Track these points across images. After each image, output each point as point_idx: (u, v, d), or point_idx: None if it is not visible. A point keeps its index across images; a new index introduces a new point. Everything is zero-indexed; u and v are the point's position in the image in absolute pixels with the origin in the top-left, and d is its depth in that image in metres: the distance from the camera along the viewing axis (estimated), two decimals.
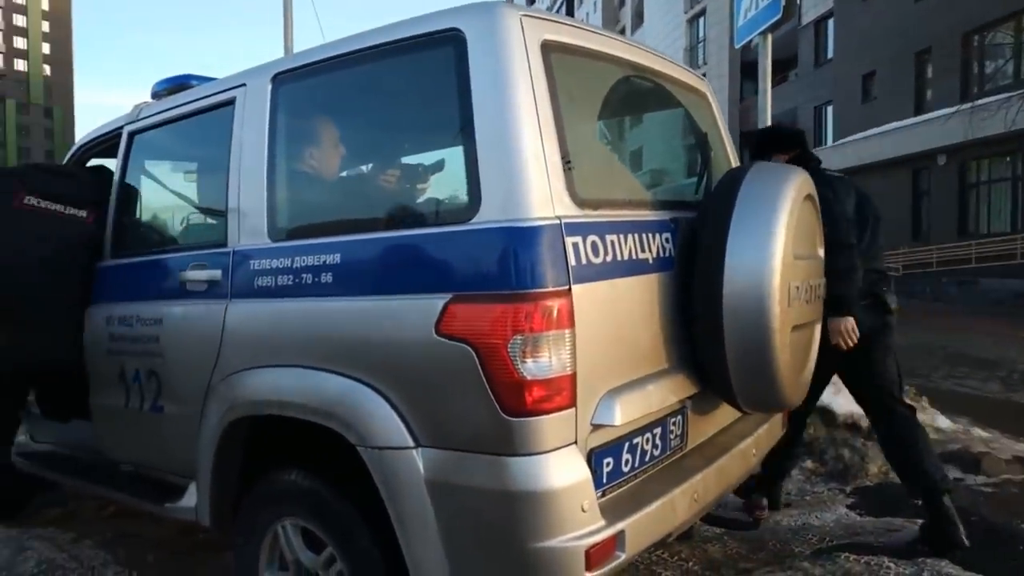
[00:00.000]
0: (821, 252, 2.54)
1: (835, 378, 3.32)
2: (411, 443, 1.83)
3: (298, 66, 2.30)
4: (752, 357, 2.13)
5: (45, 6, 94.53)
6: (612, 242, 1.96)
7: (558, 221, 1.79)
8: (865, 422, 4.12)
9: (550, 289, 1.74)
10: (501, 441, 1.71)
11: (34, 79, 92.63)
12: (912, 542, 3.03)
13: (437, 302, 1.80)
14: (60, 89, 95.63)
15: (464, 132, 1.87)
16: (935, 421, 4.79)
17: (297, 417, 2.04)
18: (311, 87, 2.31)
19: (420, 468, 1.81)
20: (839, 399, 4.37)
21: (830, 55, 25.95)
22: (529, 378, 1.70)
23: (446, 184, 2.03)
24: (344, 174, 2.41)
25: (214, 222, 2.47)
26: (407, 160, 2.32)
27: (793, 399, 2.35)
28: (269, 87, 2.34)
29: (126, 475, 2.89)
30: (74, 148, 3.35)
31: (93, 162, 3.38)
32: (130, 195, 2.91)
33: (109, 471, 2.96)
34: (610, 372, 1.93)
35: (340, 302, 2.01)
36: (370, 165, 2.37)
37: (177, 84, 2.95)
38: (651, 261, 2.12)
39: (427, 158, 2.31)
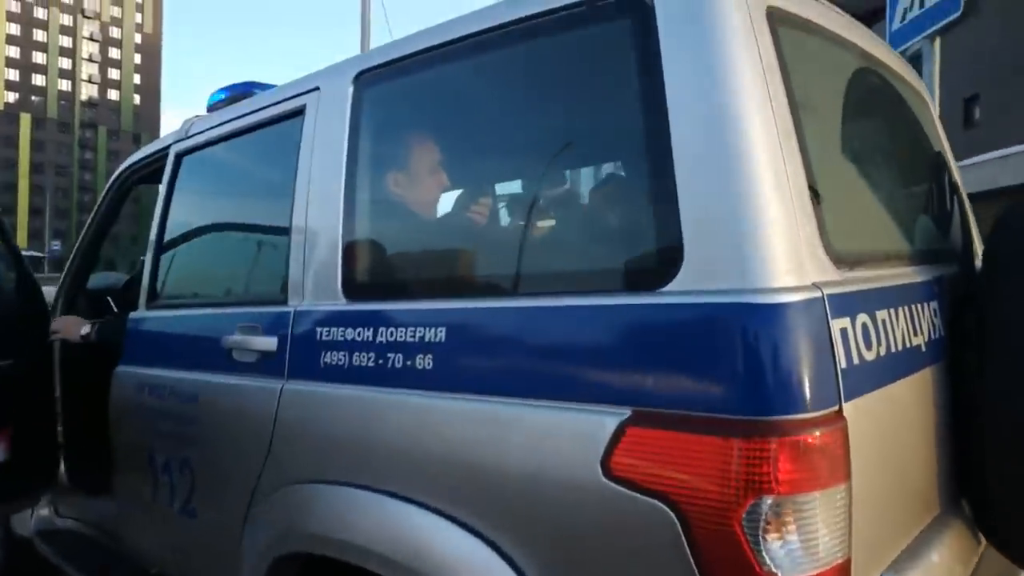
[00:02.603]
0: None
1: None
2: None
3: (391, 60, 1.66)
4: None
5: (138, 40, 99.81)
6: (884, 323, 1.23)
7: (819, 293, 1.07)
8: None
9: (813, 415, 1.02)
10: None
11: (125, 107, 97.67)
12: None
13: (605, 421, 1.11)
14: (148, 116, 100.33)
15: (652, 146, 1.18)
16: None
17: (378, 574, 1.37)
18: (410, 88, 1.66)
19: None
20: None
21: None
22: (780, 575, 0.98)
23: (620, 227, 1.32)
24: (456, 209, 1.74)
25: (272, 270, 1.85)
26: (553, 191, 1.62)
27: None
28: (350, 90, 1.71)
29: None
30: (116, 173, 2.82)
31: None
32: (173, 230, 2.33)
33: (134, 572, 2.36)
34: (887, 541, 1.18)
35: (446, 402, 1.33)
36: (495, 196, 1.69)
37: (238, 94, 2.37)
38: (924, 348, 1.37)
39: (589, 186, 1.62)
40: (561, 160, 1.47)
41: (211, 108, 2.44)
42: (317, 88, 1.83)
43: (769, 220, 1.07)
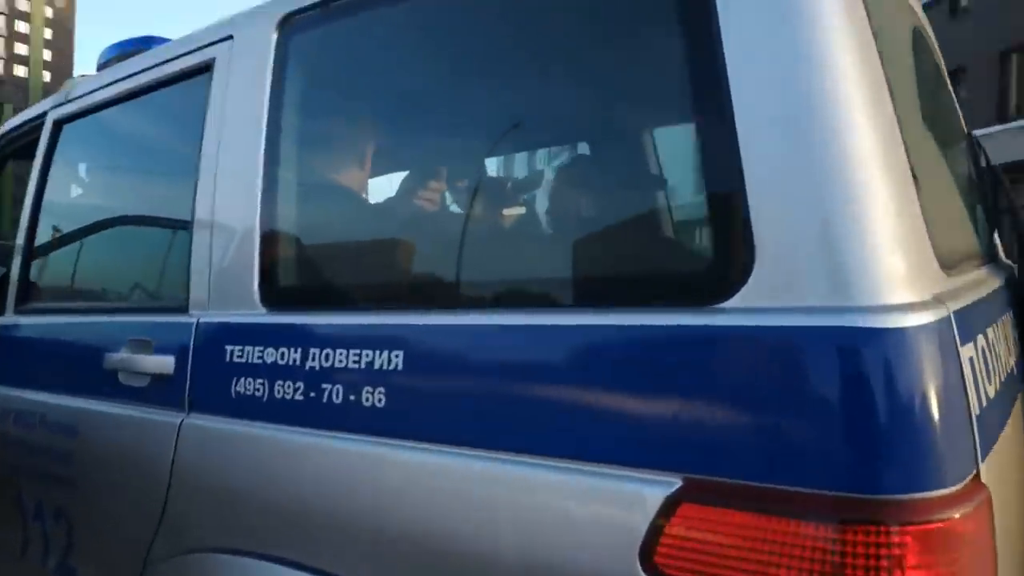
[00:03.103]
0: None
1: None
2: None
3: None
4: None
5: (49, 14, 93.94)
6: (994, 345, 0.94)
7: (946, 312, 0.76)
8: None
9: (951, 490, 0.71)
10: None
11: (34, 85, 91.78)
12: None
13: (646, 494, 0.77)
14: None
15: (701, 105, 0.85)
16: None
17: None
18: (356, 37, 1.28)
19: None
20: None
21: None
22: None
23: (659, 219, 0.98)
24: (415, 190, 1.35)
25: (170, 269, 1.44)
26: (558, 172, 1.24)
27: None
28: (273, 39, 1.32)
29: None
30: None
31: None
32: (47, 217, 1.87)
33: None
34: None
35: (405, 453, 0.97)
36: (470, 173, 1.31)
37: (135, 49, 1.93)
38: (1016, 371, 1.09)
39: (609, 164, 1.27)
40: (570, 132, 1.12)
41: (102, 67, 2.00)
42: (230, 37, 1.43)
43: (878, 209, 0.75)
